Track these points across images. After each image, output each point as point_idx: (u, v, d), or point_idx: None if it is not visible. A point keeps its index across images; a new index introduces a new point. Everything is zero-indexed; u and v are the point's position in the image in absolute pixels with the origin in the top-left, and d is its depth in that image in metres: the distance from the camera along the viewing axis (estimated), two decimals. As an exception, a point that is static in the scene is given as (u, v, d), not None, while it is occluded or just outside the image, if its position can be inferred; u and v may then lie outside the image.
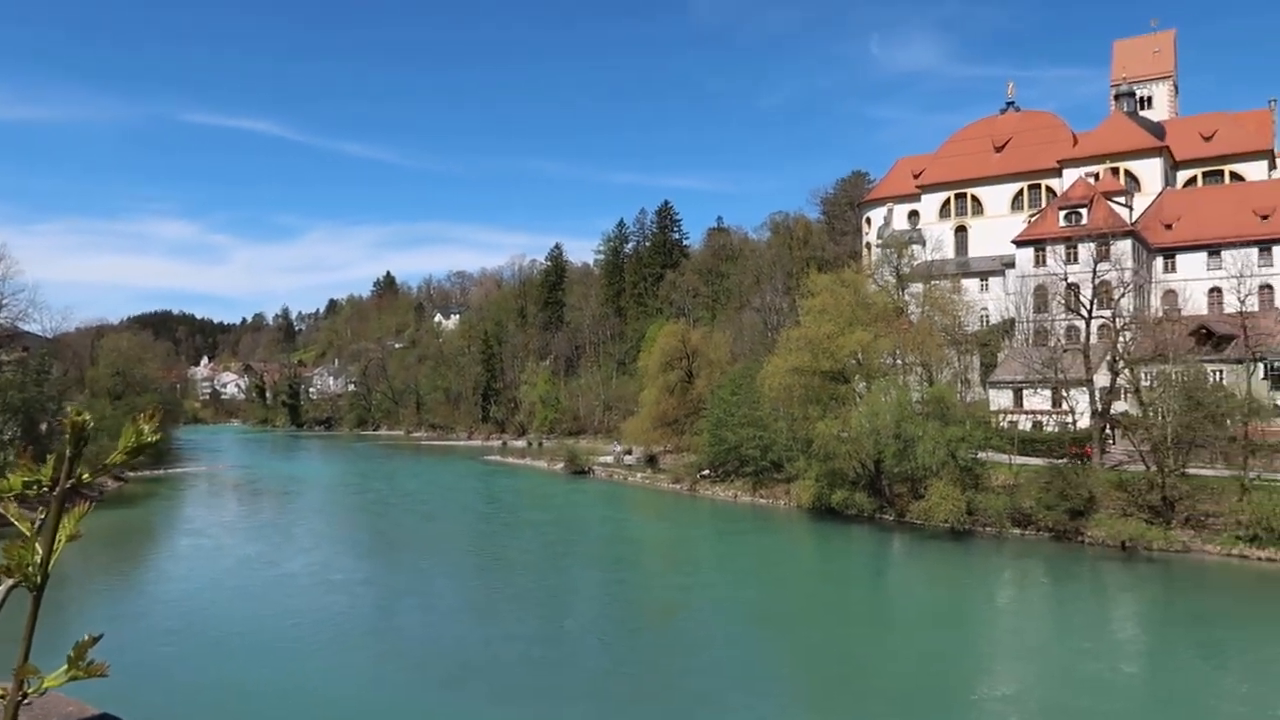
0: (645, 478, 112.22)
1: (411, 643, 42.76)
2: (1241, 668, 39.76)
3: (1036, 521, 67.93)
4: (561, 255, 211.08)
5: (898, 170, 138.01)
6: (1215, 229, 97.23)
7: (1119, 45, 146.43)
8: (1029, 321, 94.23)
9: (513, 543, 71.86)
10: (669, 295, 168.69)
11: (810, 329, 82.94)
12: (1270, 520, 58.62)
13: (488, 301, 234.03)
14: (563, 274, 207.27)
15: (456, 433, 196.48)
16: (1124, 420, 74.79)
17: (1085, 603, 53.02)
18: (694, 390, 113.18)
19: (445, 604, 51.12)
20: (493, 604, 50.94)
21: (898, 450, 73.60)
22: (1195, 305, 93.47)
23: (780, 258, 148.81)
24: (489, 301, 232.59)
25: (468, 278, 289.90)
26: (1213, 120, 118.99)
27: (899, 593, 57.24)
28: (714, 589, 55.30)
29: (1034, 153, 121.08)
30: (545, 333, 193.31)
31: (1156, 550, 61.23)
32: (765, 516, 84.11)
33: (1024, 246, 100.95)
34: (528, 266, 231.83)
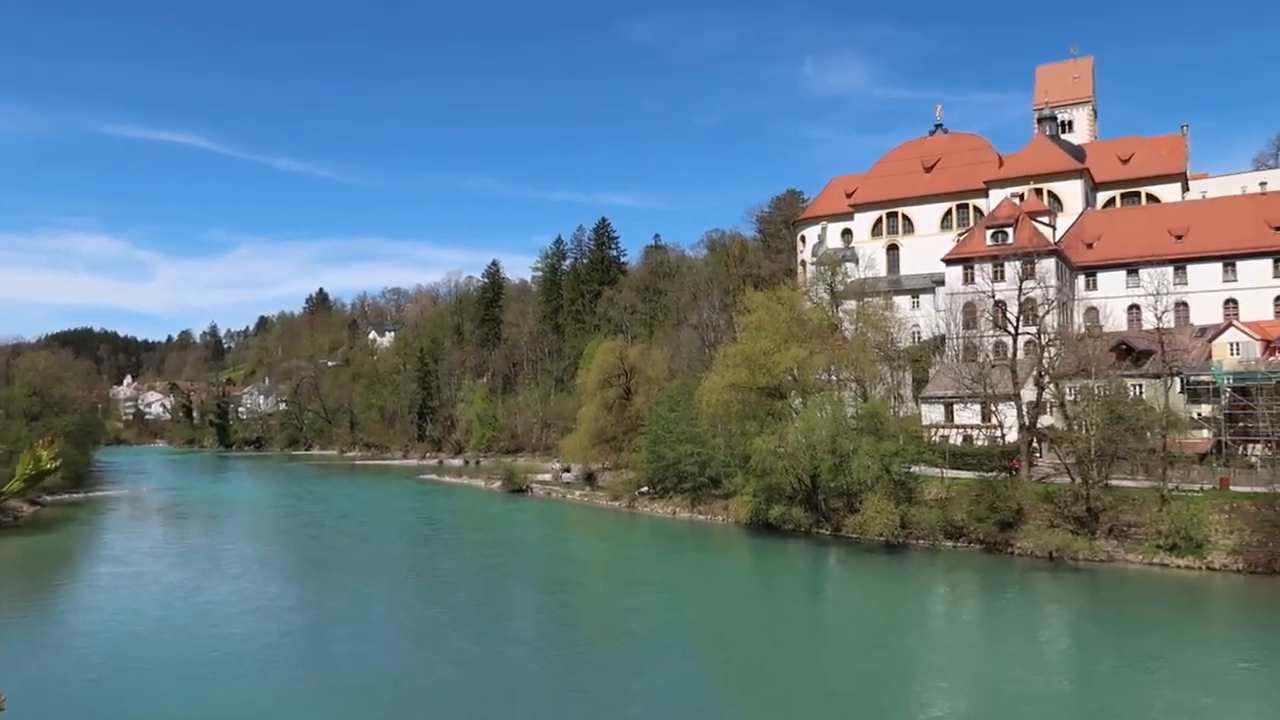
0: (584, 495, 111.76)
1: (347, 671, 41.67)
2: (1166, 675, 40.96)
3: (968, 534, 69.32)
4: (499, 272, 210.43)
5: (831, 189, 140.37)
6: (1133, 248, 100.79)
7: (1041, 71, 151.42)
8: (959, 338, 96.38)
9: (451, 564, 70.84)
10: (607, 312, 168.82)
11: (747, 345, 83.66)
12: (1188, 530, 60.71)
13: (424, 318, 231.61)
14: (500, 291, 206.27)
15: (392, 452, 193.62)
16: (1050, 434, 76.82)
17: (1016, 614, 54.17)
18: (632, 407, 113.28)
19: (383, 629, 50.00)
20: (432, 628, 50.05)
21: (833, 465, 74.53)
22: (1116, 322, 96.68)
23: (717, 275, 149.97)
24: (425, 318, 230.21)
25: (403, 294, 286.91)
26: (1130, 144, 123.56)
27: (836, 608, 57.83)
28: (654, 609, 55.16)
29: (962, 174, 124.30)
30: (482, 350, 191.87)
31: (1082, 560, 62.93)
32: (704, 533, 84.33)
33: (953, 264, 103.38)
34: (464, 283, 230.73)
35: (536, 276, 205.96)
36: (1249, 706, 36.92)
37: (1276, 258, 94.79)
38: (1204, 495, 64.15)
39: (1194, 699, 37.53)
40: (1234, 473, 68.14)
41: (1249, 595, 55.14)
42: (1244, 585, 56.95)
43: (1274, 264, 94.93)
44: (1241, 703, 37.22)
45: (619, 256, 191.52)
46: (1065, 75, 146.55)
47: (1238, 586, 56.94)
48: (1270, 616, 50.73)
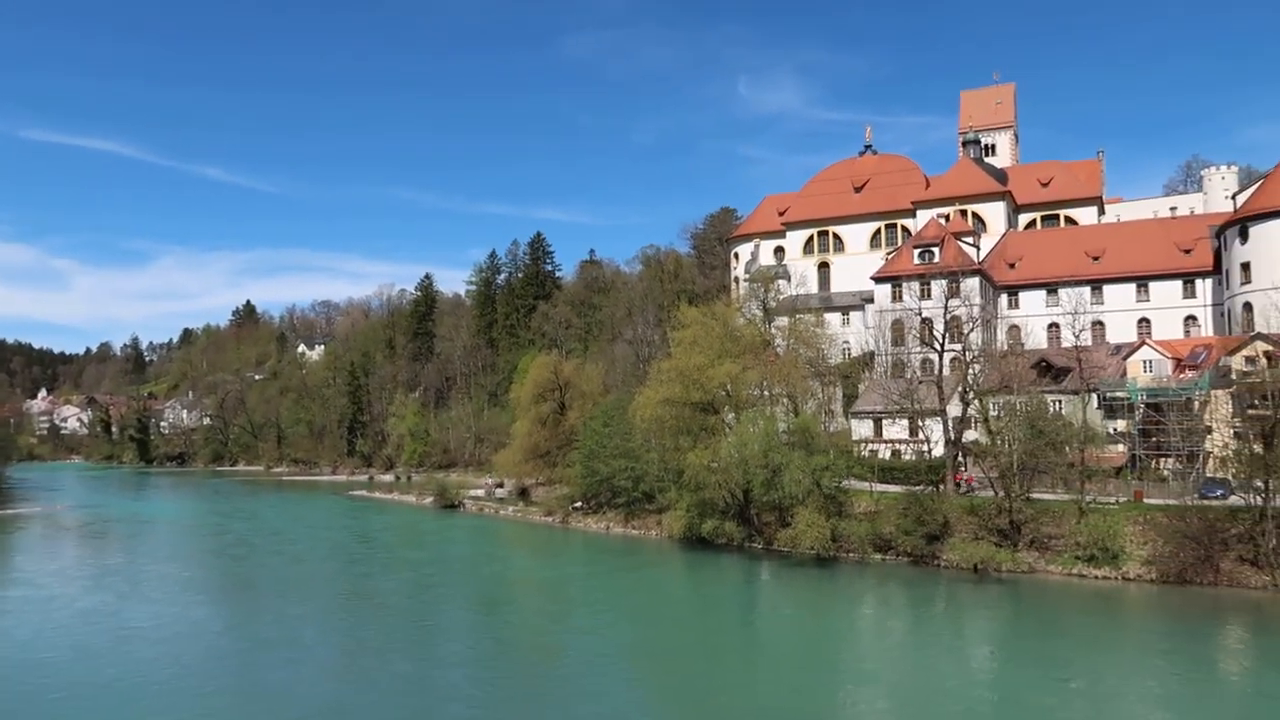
0: (517, 511, 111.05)
1: (274, 700, 40.25)
2: (1085, 682, 42.21)
3: (896, 547, 70.69)
4: (432, 285, 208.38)
5: (764, 208, 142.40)
6: (1053, 269, 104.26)
7: (966, 95, 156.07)
8: (887, 354, 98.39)
9: (384, 584, 69.34)
10: (541, 327, 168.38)
11: (681, 361, 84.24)
12: (1104, 541, 62.86)
13: (354, 332, 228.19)
14: (433, 304, 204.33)
15: (320, 467, 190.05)
16: (974, 448, 78.86)
17: (943, 626, 55.41)
18: (566, 422, 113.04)
19: (313, 654, 48.51)
20: (364, 651, 48.68)
21: (766, 479, 75.32)
22: (1036, 340, 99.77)
23: (652, 291, 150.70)
24: (356, 332, 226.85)
25: (333, 307, 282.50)
26: (1049, 168, 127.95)
27: (769, 622, 58.36)
28: (590, 627, 55.04)
29: (890, 194, 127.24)
30: (415, 364, 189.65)
31: (1005, 572, 64.65)
32: (637, 548, 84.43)
33: (882, 283, 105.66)
34: (397, 296, 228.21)
35: (470, 290, 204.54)
36: (1161, 709, 38.35)
37: (1186, 279, 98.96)
38: (1119, 508, 66.46)
39: (1111, 704, 38.95)
40: (1147, 486, 70.78)
41: (1161, 604, 57.25)
42: (1157, 595, 59.12)
43: (1183, 285, 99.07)
44: (1154, 706, 38.68)
45: (554, 271, 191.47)
46: (989, 100, 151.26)
47: (1151, 596, 59.09)
48: (1181, 624, 52.71)
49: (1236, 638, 51.15)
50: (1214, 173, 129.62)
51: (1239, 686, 42.74)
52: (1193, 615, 54.16)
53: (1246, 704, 39.74)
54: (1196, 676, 43.15)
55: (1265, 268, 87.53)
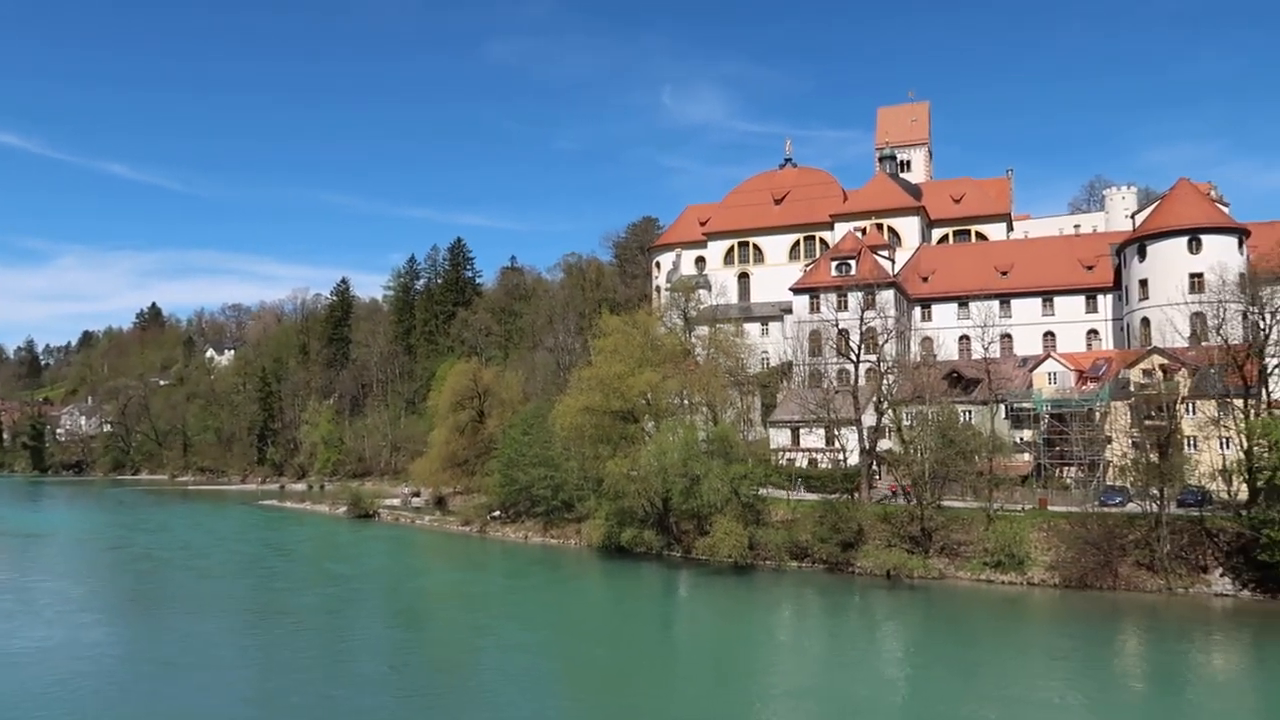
0: (434, 520, 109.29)
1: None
2: (992, 683, 43.41)
3: (812, 554, 71.64)
4: (348, 290, 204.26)
5: (686, 218, 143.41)
6: (964, 283, 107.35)
7: (882, 112, 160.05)
8: (805, 364, 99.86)
9: (294, 597, 67.00)
10: (461, 333, 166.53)
11: (601, 369, 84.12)
12: (1011, 547, 64.80)
13: (266, 337, 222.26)
14: (349, 309, 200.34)
15: (229, 476, 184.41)
16: (888, 457, 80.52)
17: (856, 632, 56.28)
18: (485, 430, 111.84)
19: (220, 674, 46.06)
20: (274, 670, 46.81)
21: (685, 488, 75.59)
22: (948, 351, 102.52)
23: (573, 298, 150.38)
24: (268, 337, 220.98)
25: (245, 311, 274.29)
26: (961, 185, 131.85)
27: (687, 631, 58.46)
28: (509, 639, 54.17)
29: (809, 207, 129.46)
30: (329, 370, 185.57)
31: (917, 578, 66.09)
32: (556, 557, 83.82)
33: (800, 294, 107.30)
34: (311, 301, 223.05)
35: (388, 296, 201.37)
36: (1065, 709, 39.58)
37: (1088, 295, 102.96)
38: (1025, 515, 68.61)
39: (1018, 705, 40.06)
40: (1051, 493, 73.29)
41: (1063, 607, 59.22)
42: (1059, 598, 61.14)
43: (1086, 300, 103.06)
44: (1058, 706, 39.89)
45: (474, 277, 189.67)
46: (904, 118, 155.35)
47: (1054, 600, 61.07)
48: (1081, 626, 54.57)
49: (1133, 639, 53.17)
50: (1115, 193, 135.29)
51: (1136, 686, 44.42)
52: (1093, 618, 56.12)
53: (1143, 702, 41.32)
54: (1097, 677, 44.62)
55: (1161, 284, 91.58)
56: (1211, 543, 61.76)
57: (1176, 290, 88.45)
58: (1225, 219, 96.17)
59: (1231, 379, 67.13)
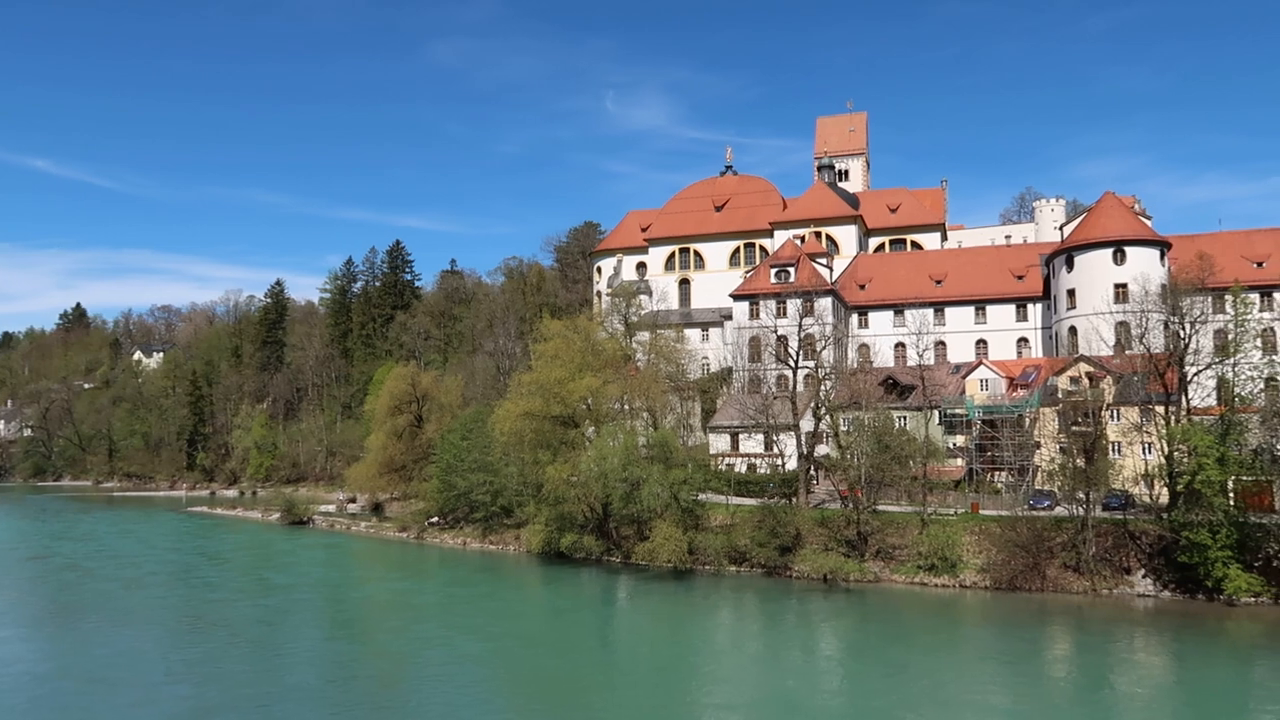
0: (370, 527, 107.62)
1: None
2: (926, 684, 44.20)
3: (751, 559, 72.19)
4: (283, 292, 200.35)
5: (627, 223, 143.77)
6: (899, 291, 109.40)
7: (821, 122, 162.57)
8: (744, 370, 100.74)
9: (225, 607, 65.19)
10: (399, 337, 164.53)
11: (542, 374, 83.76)
12: (944, 551, 66.13)
13: (198, 339, 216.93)
14: (284, 312, 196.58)
15: (157, 482, 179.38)
16: (826, 462, 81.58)
17: (793, 636, 56.77)
18: (424, 435, 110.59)
19: (150, 689, 44.08)
20: (207, 682, 45.01)
21: (625, 493, 75.61)
22: (884, 358, 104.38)
23: (514, 302, 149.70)
24: (199, 339, 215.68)
25: (175, 313, 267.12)
26: (898, 195, 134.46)
27: (626, 637, 58.39)
28: (446, 647, 53.48)
29: (749, 214, 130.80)
30: (263, 374, 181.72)
31: (853, 581, 67.02)
32: (495, 563, 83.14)
33: (740, 300, 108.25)
34: (245, 303, 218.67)
35: (325, 298, 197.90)
36: (994, 708, 40.48)
37: (1019, 304, 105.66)
38: (958, 519, 70.05)
39: (948, 702, 40.92)
40: (983, 498, 74.92)
41: (994, 609, 60.54)
42: (990, 600, 62.53)
43: (1017, 309, 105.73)
44: (988, 705, 40.80)
45: (413, 280, 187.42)
46: (843, 127, 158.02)
47: (985, 601, 62.43)
48: (1011, 627, 55.87)
49: (1060, 639, 54.57)
50: (1044, 205, 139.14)
51: (1062, 683, 45.60)
52: (1022, 620, 57.46)
53: (1069, 699, 42.42)
54: (1025, 676, 45.80)
55: (1088, 294, 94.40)
56: (1134, 545, 63.77)
57: (1102, 300, 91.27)
58: (1148, 232, 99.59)
59: (1153, 386, 69.42)
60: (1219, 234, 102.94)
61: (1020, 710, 40.62)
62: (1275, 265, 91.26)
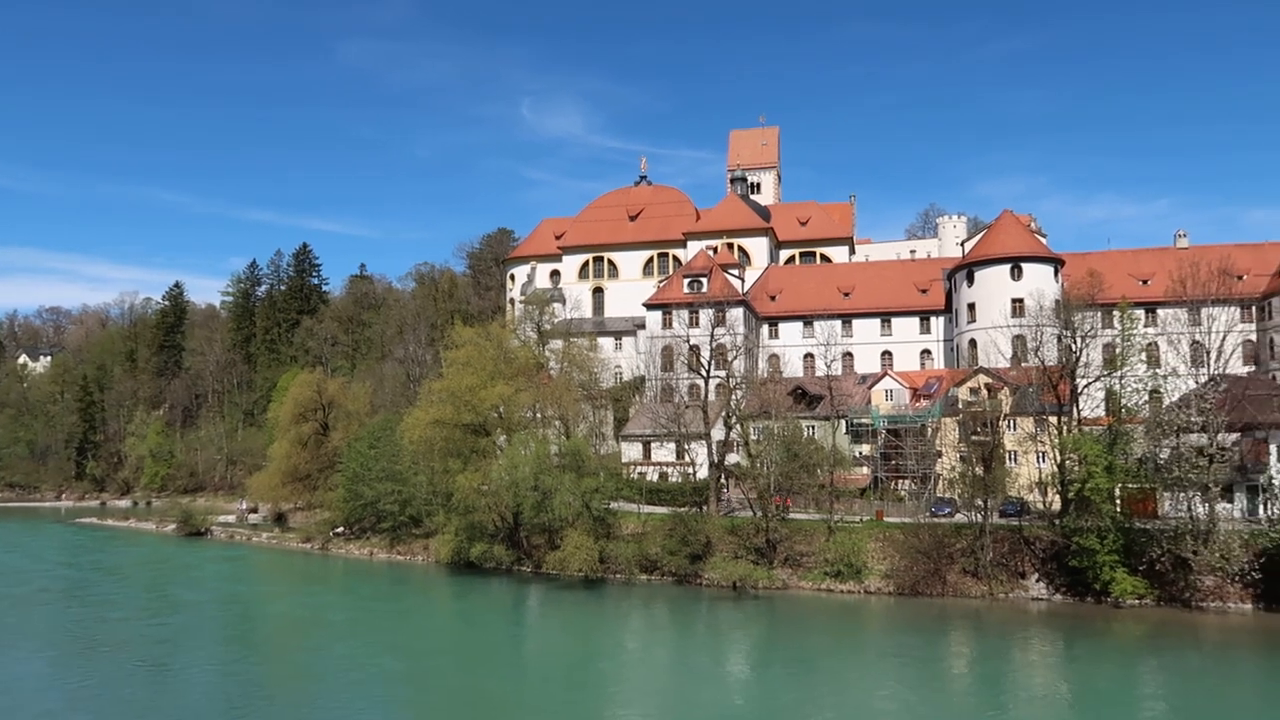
0: (272, 537, 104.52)
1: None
2: (830, 686, 45.12)
3: (662, 567, 72.49)
4: (182, 295, 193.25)
5: (541, 230, 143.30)
6: (809, 302, 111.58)
7: (734, 135, 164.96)
8: (657, 379, 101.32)
9: (120, 625, 61.42)
10: (305, 343, 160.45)
11: (453, 381, 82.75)
12: (850, 558, 67.54)
13: (90, 342, 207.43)
14: (183, 315, 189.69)
15: (42, 493, 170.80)
16: (736, 470, 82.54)
17: (702, 643, 57.23)
18: (330, 443, 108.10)
19: (40, 718, 41.21)
20: (102, 709, 42.29)
21: (536, 502, 75.16)
22: (793, 368, 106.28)
23: (425, 309, 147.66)
24: (91, 343, 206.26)
25: (65, 315, 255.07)
26: (808, 208, 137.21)
27: (536, 647, 57.95)
28: (350, 659, 52.03)
29: (663, 224, 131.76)
30: (160, 379, 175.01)
31: (762, 589, 67.88)
32: (403, 574, 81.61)
33: (653, 309, 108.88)
34: (141, 305, 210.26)
35: (227, 301, 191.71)
36: (897, 708, 41.51)
37: (922, 316, 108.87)
38: (863, 526, 71.64)
39: (852, 704, 41.92)
40: (887, 505, 76.82)
41: (897, 614, 62.09)
42: (894, 605, 64.11)
43: (920, 322, 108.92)
44: (891, 706, 41.80)
45: (321, 285, 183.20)
46: (755, 141, 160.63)
47: (889, 607, 63.97)
48: (912, 631, 57.39)
49: (959, 642, 56.27)
50: (947, 221, 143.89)
51: (961, 683, 47.10)
52: (923, 624, 59.07)
53: (966, 697, 43.82)
54: (926, 677, 47.08)
55: (987, 308, 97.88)
56: (1029, 550, 66.22)
57: (1000, 314, 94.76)
58: (1043, 249, 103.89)
59: (1047, 397, 72.29)
60: (1108, 252, 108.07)
61: (921, 711, 41.72)
62: (1159, 283, 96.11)
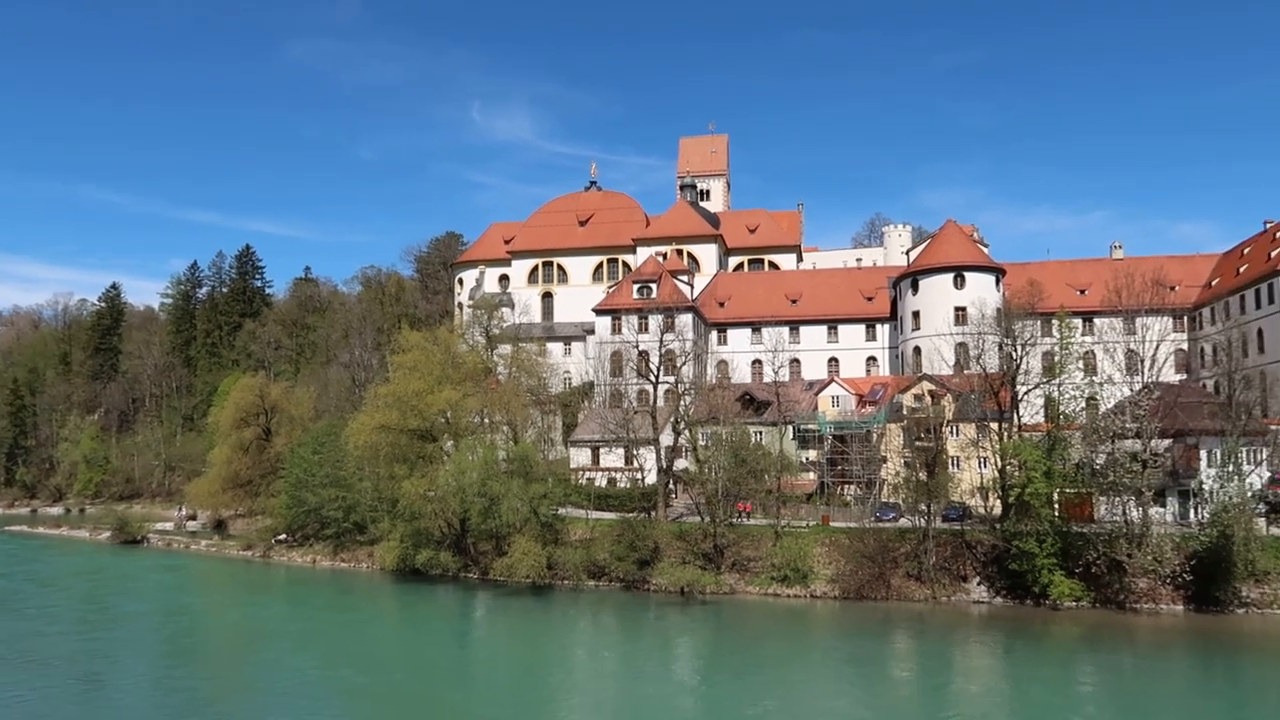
0: (211, 545, 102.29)
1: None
2: (777, 690, 45.27)
3: (610, 573, 72.39)
4: (119, 296, 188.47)
5: (490, 235, 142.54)
6: (757, 309, 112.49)
7: (684, 142, 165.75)
8: (606, 384, 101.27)
9: (49, 639, 59.24)
10: (247, 346, 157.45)
11: (400, 386, 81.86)
12: (796, 562, 68.14)
13: (20, 344, 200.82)
14: (120, 317, 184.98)
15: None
16: (684, 476, 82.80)
17: (650, 649, 57.23)
18: (272, 449, 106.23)
19: None
20: None
21: (483, 508, 74.57)
22: (741, 374, 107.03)
23: (371, 313, 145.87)
24: (22, 345, 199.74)
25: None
26: (756, 216, 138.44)
27: (482, 653, 57.49)
28: (293, 670, 51.01)
29: (613, 230, 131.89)
30: (95, 383, 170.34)
31: (710, 594, 68.15)
32: (347, 582, 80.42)
33: (603, 315, 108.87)
34: (76, 306, 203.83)
35: (166, 304, 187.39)
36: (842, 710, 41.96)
37: (868, 324, 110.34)
38: (810, 531, 72.31)
39: (797, 707, 42.25)
40: (833, 510, 77.61)
41: (843, 617, 62.80)
42: (839, 609, 64.80)
43: (866, 329, 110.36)
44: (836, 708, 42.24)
45: (264, 287, 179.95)
46: (705, 148, 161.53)
47: (834, 610, 64.65)
48: (857, 635, 58.10)
49: (903, 644, 57.08)
50: (893, 230, 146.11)
51: (904, 685, 47.74)
52: (868, 627, 59.84)
53: (909, 698, 44.48)
54: (870, 679, 47.72)
55: (931, 316, 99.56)
56: (970, 554, 67.41)
57: (944, 322, 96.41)
58: (985, 259, 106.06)
59: (989, 404, 73.72)
60: (1047, 263, 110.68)
61: (865, 713, 42.23)
62: (1096, 293, 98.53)
